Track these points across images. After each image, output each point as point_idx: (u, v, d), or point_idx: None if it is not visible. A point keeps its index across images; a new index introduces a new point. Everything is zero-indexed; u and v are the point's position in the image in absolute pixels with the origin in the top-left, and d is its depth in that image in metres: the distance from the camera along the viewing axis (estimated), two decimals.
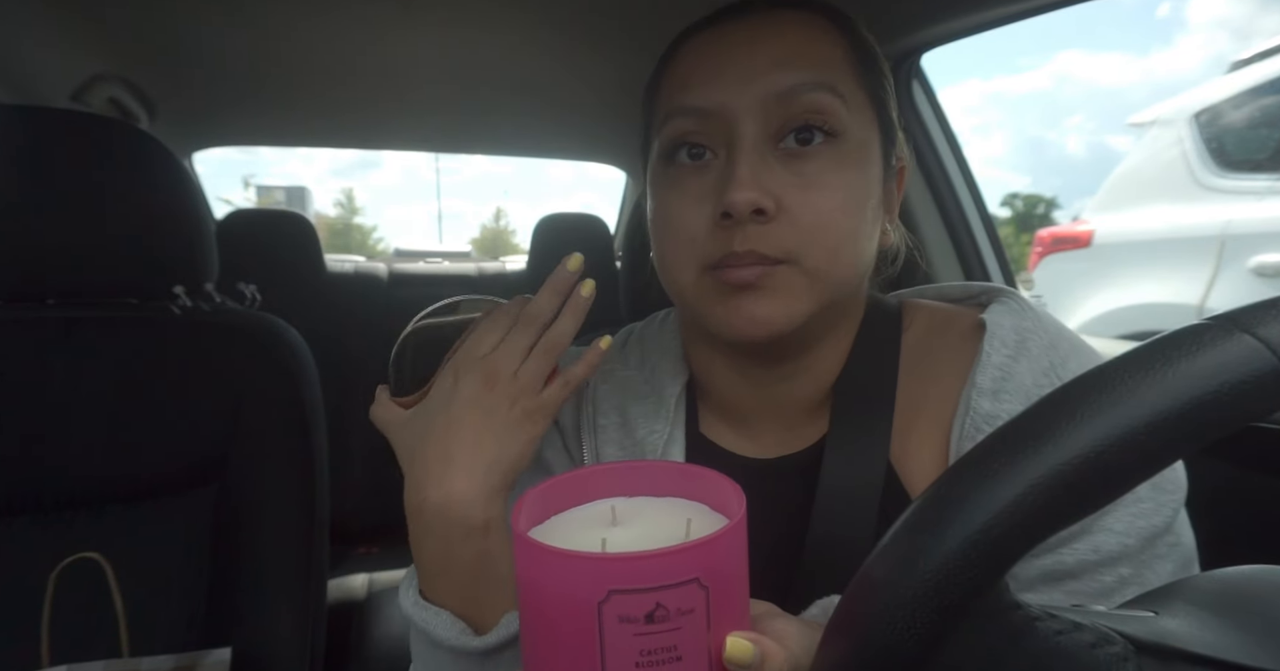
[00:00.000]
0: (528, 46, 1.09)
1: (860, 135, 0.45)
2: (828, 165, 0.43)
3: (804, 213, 0.42)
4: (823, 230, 0.43)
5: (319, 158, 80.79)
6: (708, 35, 0.47)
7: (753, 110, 0.43)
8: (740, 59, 0.44)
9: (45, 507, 0.73)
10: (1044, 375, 0.43)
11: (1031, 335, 0.45)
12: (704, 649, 0.28)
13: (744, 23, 0.46)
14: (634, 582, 0.27)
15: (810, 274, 0.43)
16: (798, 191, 0.42)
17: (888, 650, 0.21)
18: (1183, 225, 2.06)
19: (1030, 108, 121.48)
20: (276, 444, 0.80)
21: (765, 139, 0.43)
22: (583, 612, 0.27)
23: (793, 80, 0.43)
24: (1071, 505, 0.20)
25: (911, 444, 0.47)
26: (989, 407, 0.43)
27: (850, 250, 0.44)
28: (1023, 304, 0.47)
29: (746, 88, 0.43)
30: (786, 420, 0.51)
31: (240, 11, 0.96)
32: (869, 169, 0.45)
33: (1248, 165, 2.00)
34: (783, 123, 0.43)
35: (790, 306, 0.43)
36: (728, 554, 0.29)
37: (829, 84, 0.43)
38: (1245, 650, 0.23)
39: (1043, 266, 2.56)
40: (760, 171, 0.42)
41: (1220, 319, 0.21)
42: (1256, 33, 54.74)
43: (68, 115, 0.76)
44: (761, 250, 0.42)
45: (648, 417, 0.52)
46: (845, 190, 0.43)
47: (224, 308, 0.85)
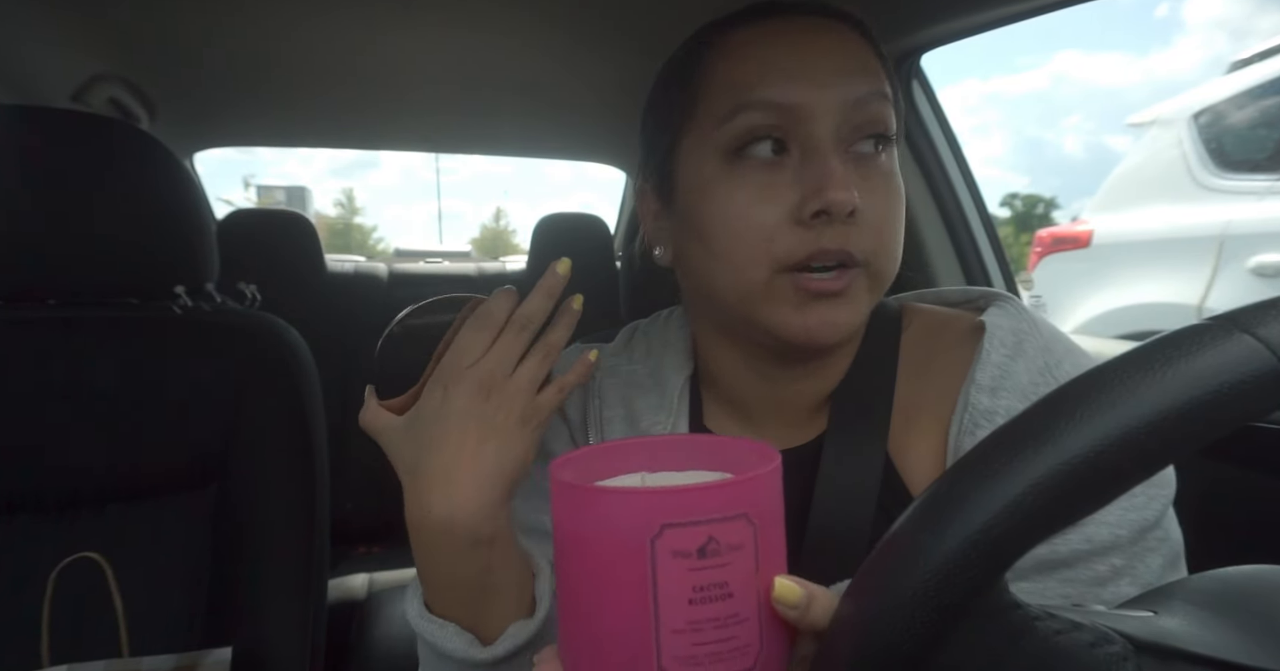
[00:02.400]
0: (528, 47, 1.09)
1: (897, 142, 0.48)
2: (885, 169, 0.46)
3: (874, 215, 0.44)
4: (888, 233, 0.45)
5: (317, 158, 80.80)
6: (766, 32, 0.46)
7: (830, 112, 0.44)
8: (814, 61, 0.45)
9: (45, 507, 0.73)
10: (1040, 374, 0.44)
11: (1028, 337, 0.46)
12: (753, 587, 0.28)
13: (795, 24, 0.47)
14: (687, 516, 0.27)
15: (874, 277, 0.45)
16: (867, 195, 0.43)
17: (888, 649, 0.21)
18: (1182, 225, 2.06)
19: (1029, 108, 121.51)
20: (276, 444, 0.80)
21: (838, 141, 0.44)
22: (635, 550, 0.27)
23: (862, 89, 0.45)
24: (1071, 505, 0.20)
25: (911, 441, 0.48)
26: (987, 404, 0.44)
27: (899, 251, 0.47)
28: (1019, 308, 0.49)
29: (824, 91, 0.44)
30: (789, 417, 0.52)
31: (241, 12, 0.96)
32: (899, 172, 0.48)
33: (1247, 165, 2.00)
34: (853, 128, 0.44)
35: (858, 312, 0.45)
36: (771, 493, 0.29)
37: (886, 94, 0.46)
38: (1245, 650, 0.23)
39: (1042, 266, 2.56)
40: (847, 170, 0.43)
41: (1220, 319, 0.21)
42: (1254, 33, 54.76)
43: (68, 115, 0.76)
44: (851, 248, 0.43)
45: (652, 410, 0.53)
46: (898, 194, 0.46)
47: (224, 307, 0.85)
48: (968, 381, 0.46)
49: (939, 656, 0.22)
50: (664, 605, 0.27)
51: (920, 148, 1.08)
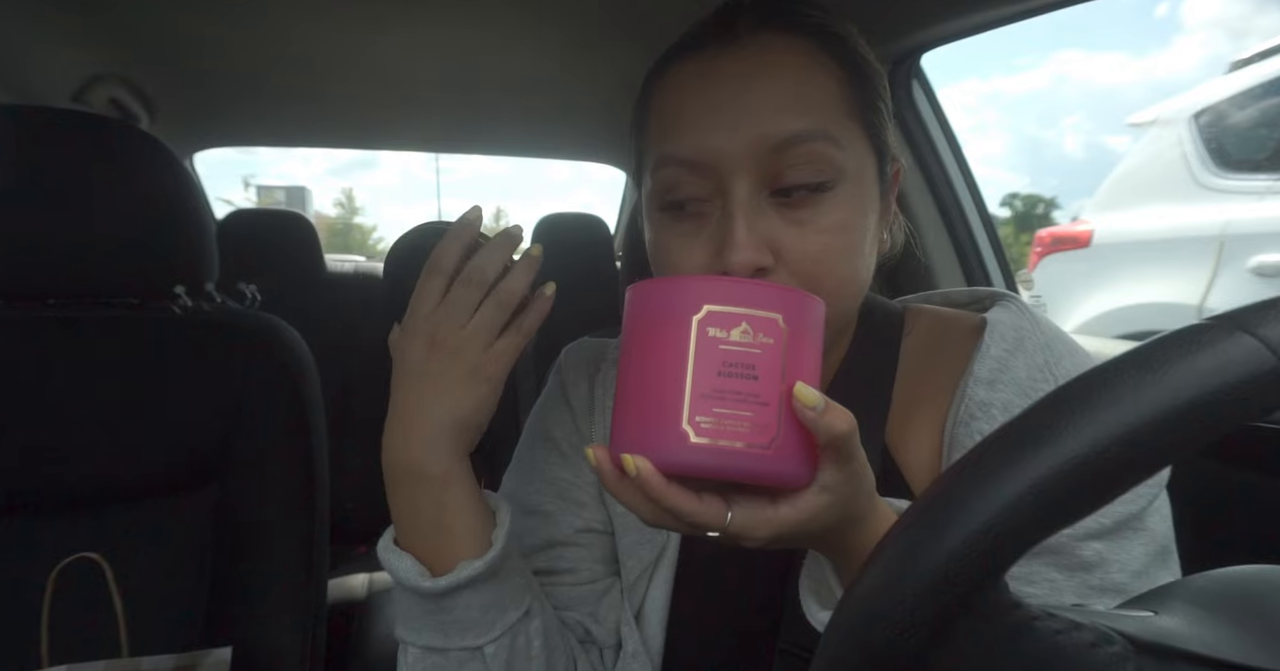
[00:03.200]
0: (528, 47, 1.09)
1: (856, 169, 0.43)
2: (824, 209, 0.42)
3: (803, 260, 0.42)
4: (823, 276, 0.42)
5: (316, 158, 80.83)
6: (693, 68, 0.44)
7: (746, 159, 0.42)
8: (730, 100, 0.42)
9: (45, 507, 0.73)
10: (1038, 370, 0.45)
11: (1029, 334, 0.47)
12: (778, 381, 0.32)
13: (731, 53, 0.44)
14: (728, 302, 0.32)
15: None
16: (796, 239, 0.42)
17: (888, 648, 0.21)
18: (1182, 225, 2.06)
19: (1028, 108, 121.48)
20: (276, 444, 0.80)
21: (760, 187, 0.42)
22: (680, 322, 0.32)
23: (788, 129, 0.41)
24: (1071, 504, 0.20)
25: (909, 434, 0.48)
26: (984, 395, 0.45)
27: (850, 287, 0.45)
28: (1022, 307, 0.49)
29: (738, 134, 0.42)
30: None
31: (241, 12, 0.96)
32: (866, 198, 0.44)
33: (1247, 165, 2.00)
34: (778, 172, 0.42)
35: None
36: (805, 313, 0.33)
37: (821, 131, 0.42)
38: (1245, 650, 0.23)
39: (1042, 266, 2.56)
40: (756, 224, 0.42)
41: (1220, 319, 0.21)
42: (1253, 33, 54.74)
43: (68, 115, 0.76)
44: None
45: None
46: (842, 231, 0.43)
47: (224, 307, 0.85)
48: (966, 373, 0.46)
49: (939, 656, 0.22)
50: (697, 371, 0.31)
51: (920, 147, 1.08)
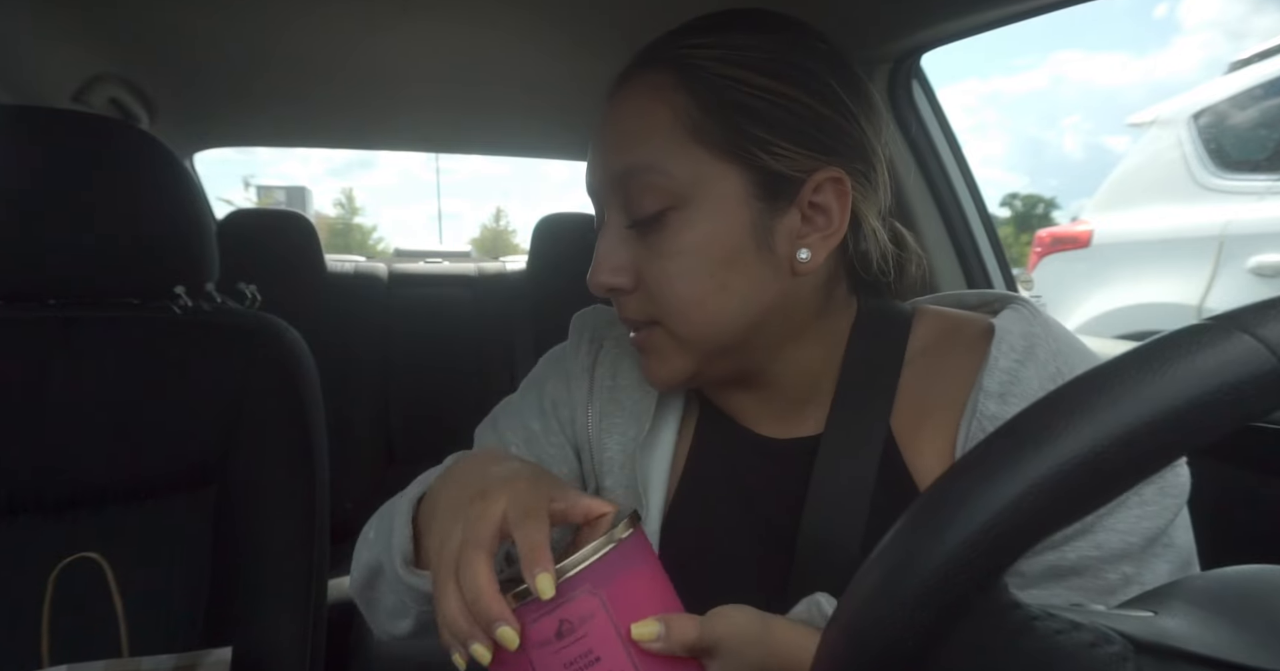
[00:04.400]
0: (527, 46, 1.09)
1: (708, 192, 0.45)
2: (675, 234, 0.45)
3: (656, 284, 0.46)
4: (673, 299, 0.46)
5: (315, 158, 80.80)
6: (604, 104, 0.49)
7: (606, 191, 0.47)
8: (596, 137, 0.48)
9: (45, 507, 0.73)
10: (1050, 380, 0.44)
11: (1040, 341, 0.45)
12: (616, 642, 0.34)
13: (615, 89, 0.49)
14: (536, 611, 0.33)
15: (676, 336, 0.47)
16: (651, 263, 0.46)
17: (888, 648, 0.22)
18: (1182, 225, 2.06)
19: (1027, 108, 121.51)
20: (276, 444, 0.80)
21: (624, 215, 0.47)
22: (518, 660, 0.34)
23: (622, 164, 0.46)
24: (1071, 505, 0.20)
25: (921, 438, 0.48)
26: (995, 410, 0.44)
27: (707, 307, 0.46)
28: (1033, 311, 0.48)
29: (598, 170, 0.48)
30: (784, 419, 0.52)
31: (241, 12, 0.96)
32: (726, 220, 0.45)
33: (1246, 165, 2.00)
34: (628, 201, 0.46)
35: (671, 364, 0.48)
36: (612, 561, 0.35)
37: (648, 164, 0.45)
38: (1245, 650, 0.23)
39: (1042, 266, 2.56)
40: (616, 251, 0.47)
41: (1220, 319, 0.21)
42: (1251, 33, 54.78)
43: (68, 115, 0.76)
44: (627, 315, 0.48)
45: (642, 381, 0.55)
46: (690, 254, 0.45)
47: (224, 308, 0.85)
48: (976, 386, 0.45)
49: (939, 656, 0.22)
50: None
51: (920, 148, 1.08)
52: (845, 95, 0.47)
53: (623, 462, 0.53)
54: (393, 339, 1.74)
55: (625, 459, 0.53)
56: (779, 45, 0.46)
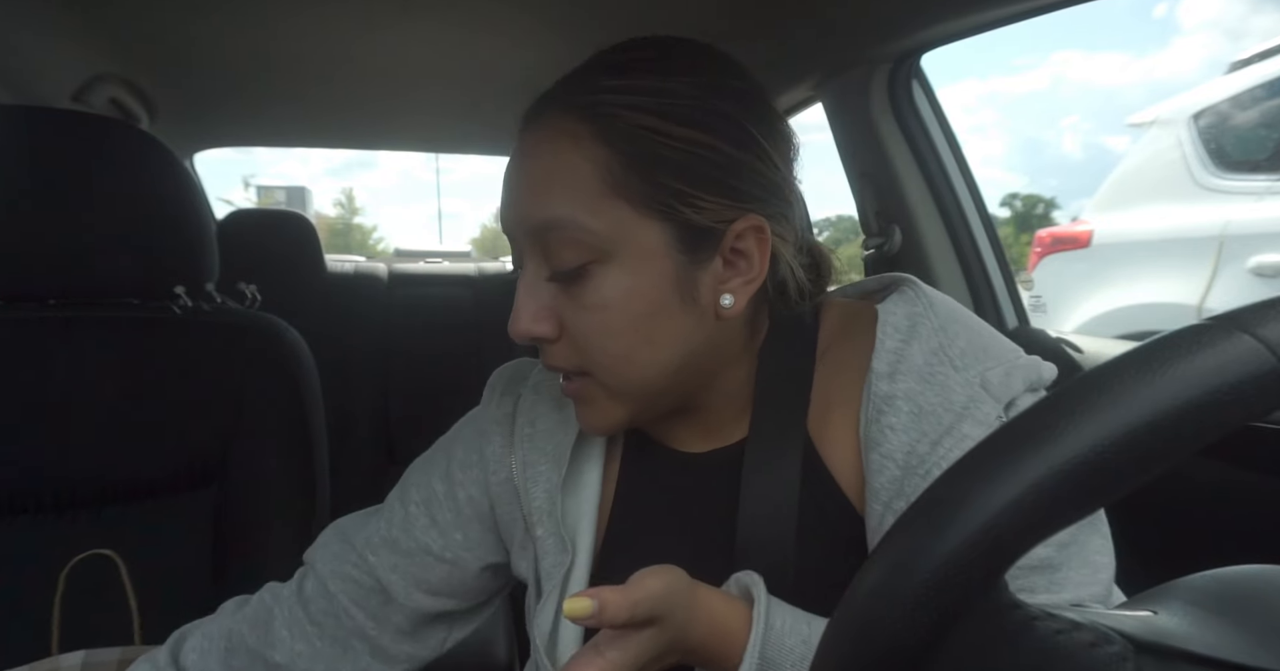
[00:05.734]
0: (527, 46, 1.09)
1: (629, 247, 0.44)
2: (598, 285, 0.44)
3: (581, 334, 0.45)
4: (599, 350, 0.45)
5: (315, 158, 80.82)
6: (515, 145, 0.48)
7: (524, 240, 0.46)
8: (510, 182, 0.47)
9: (45, 507, 0.73)
10: (933, 354, 0.46)
11: (922, 319, 0.47)
12: None
13: (527, 131, 0.47)
14: None
15: (605, 386, 0.47)
16: (574, 314, 0.45)
17: (887, 649, 0.22)
18: (1182, 225, 2.06)
19: (1027, 108, 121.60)
20: (276, 443, 0.80)
21: (542, 264, 0.45)
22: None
23: (540, 218, 0.44)
24: (1071, 505, 0.20)
25: (830, 432, 0.49)
26: (886, 389, 0.45)
27: (635, 361, 0.45)
28: (918, 291, 0.49)
29: (515, 218, 0.46)
30: (709, 434, 0.53)
31: (241, 12, 0.96)
32: (649, 274, 0.44)
33: (1246, 165, 2.01)
34: (546, 252, 0.45)
35: (605, 413, 0.48)
36: None
37: (571, 220, 0.43)
38: (1245, 650, 0.23)
39: (1042, 267, 2.56)
40: (536, 298, 0.45)
41: (1220, 319, 0.21)
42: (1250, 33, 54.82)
43: (68, 115, 0.76)
44: (555, 364, 0.47)
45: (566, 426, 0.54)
46: (613, 309, 0.44)
47: (224, 308, 0.85)
48: (869, 371, 0.47)
49: (938, 656, 0.22)
50: None
51: (920, 147, 1.08)
52: (761, 136, 0.46)
53: (549, 510, 0.52)
54: (393, 339, 1.74)
55: (550, 506, 0.52)
56: (696, 89, 0.45)
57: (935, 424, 0.44)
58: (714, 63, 0.48)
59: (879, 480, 0.44)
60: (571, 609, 0.35)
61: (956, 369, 0.45)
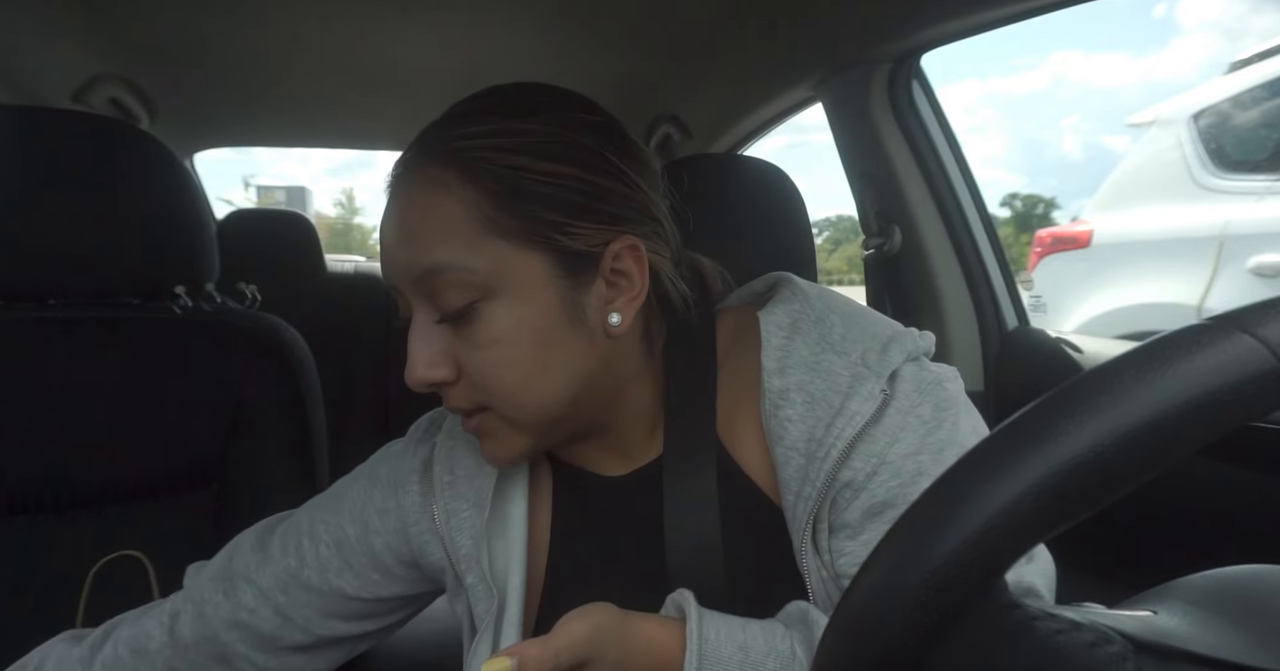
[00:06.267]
0: (529, 47, 1.09)
1: (512, 280, 0.45)
2: (487, 324, 0.45)
3: (475, 372, 0.46)
4: (498, 386, 0.46)
5: (315, 158, 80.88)
6: (388, 195, 0.48)
7: (409, 289, 0.46)
8: (386, 236, 0.47)
9: (45, 508, 0.73)
10: (816, 344, 0.48)
11: (800, 316, 0.50)
12: None
13: (397, 182, 0.48)
14: None
15: (507, 419, 0.47)
16: (470, 354, 0.46)
17: (887, 650, 0.22)
18: (1182, 225, 2.06)
19: (1027, 108, 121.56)
20: (277, 444, 0.80)
21: (431, 309, 0.46)
22: None
23: (421, 265, 0.45)
24: (1071, 505, 0.20)
25: (737, 432, 0.51)
26: (779, 384, 0.48)
27: (534, 389, 0.46)
28: (795, 289, 0.52)
29: (397, 268, 0.46)
30: (625, 456, 0.54)
31: (241, 12, 0.96)
32: (535, 304, 0.46)
33: (1246, 166, 2.01)
34: (432, 297, 0.45)
35: (507, 444, 0.48)
36: None
37: (452, 264, 0.44)
38: (1245, 650, 0.23)
39: (1042, 267, 2.56)
40: (430, 345, 0.46)
41: (1220, 319, 0.21)
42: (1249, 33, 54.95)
43: (68, 115, 0.76)
44: (455, 405, 0.48)
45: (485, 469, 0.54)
46: (506, 342, 0.45)
47: (224, 308, 0.85)
48: (761, 369, 0.49)
49: (938, 657, 0.22)
50: None
51: (920, 148, 1.08)
52: (623, 164, 0.48)
53: (476, 555, 0.52)
54: (393, 339, 1.74)
55: (477, 551, 0.52)
56: (553, 127, 0.47)
57: (827, 408, 0.46)
58: (565, 101, 0.50)
59: (786, 471, 0.46)
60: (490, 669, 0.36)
61: (838, 354, 0.47)
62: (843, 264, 28.22)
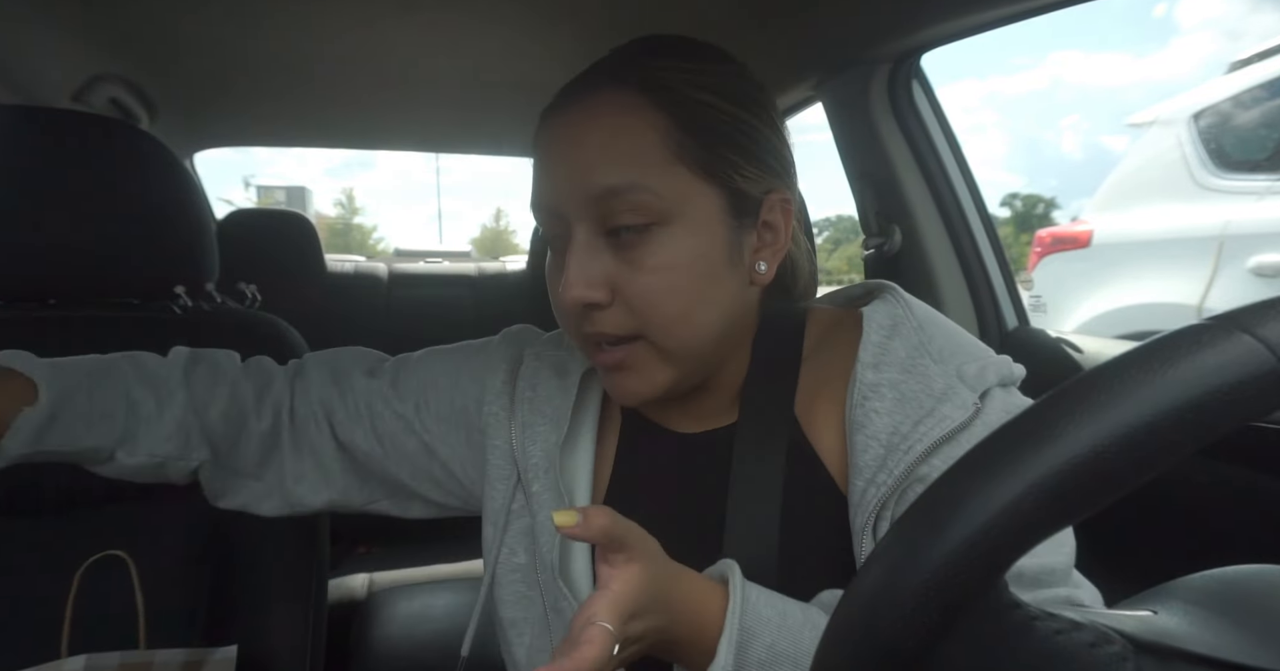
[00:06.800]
0: (528, 47, 1.09)
1: (687, 210, 0.47)
2: (656, 248, 0.46)
3: (637, 297, 0.47)
4: (657, 311, 0.47)
5: (315, 158, 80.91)
6: (551, 122, 0.49)
7: (579, 208, 0.47)
8: (565, 156, 0.47)
9: (45, 508, 0.73)
10: (914, 349, 0.49)
11: (902, 320, 0.51)
12: None
13: (573, 106, 0.48)
14: None
15: (659, 349, 0.48)
16: (630, 277, 0.46)
17: (888, 649, 0.22)
18: (1182, 225, 2.06)
19: (1026, 108, 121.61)
20: None
21: (596, 231, 0.47)
22: None
23: (605, 182, 0.45)
24: (1070, 505, 0.20)
25: (817, 414, 0.52)
26: (872, 377, 0.49)
27: (693, 320, 0.48)
28: (898, 296, 0.53)
29: (571, 187, 0.47)
30: (702, 410, 0.56)
31: (242, 12, 0.96)
32: (707, 236, 0.47)
33: (1246, 165, 2.01)
34: (606, 217, 0.46)
35: (652, 379, 0.49)
36: None
37: (633, 183, 0.45)
38: (1245, 650, 0.23)
39: (1042, 267, 2.56)
40: (590, 265, 0.46)
41: (1220, 319, 0.21)
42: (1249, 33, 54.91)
43: (68, 115, 0.76)
44: (606, 330, 0.48)
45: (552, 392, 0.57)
46: (676, 269, 0.46)
47: (225, 308, 0.85)
48: (856, 361, 0.50)
49: (939, 656, 0.22)
50: None
51: (920, 148, 1.08)
52: (780, 123, 0.51)
53: (546, 467, 0.54)
54: (393, 339, 1.73)
55: (549, 463, 0.54)
56: (732, 72, 0.50)
57: (917, 407, 0.46)
58: (729, 56, 0.52)
59: (863, 458, 0.47)
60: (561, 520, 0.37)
61: (936, 362, 0.48)
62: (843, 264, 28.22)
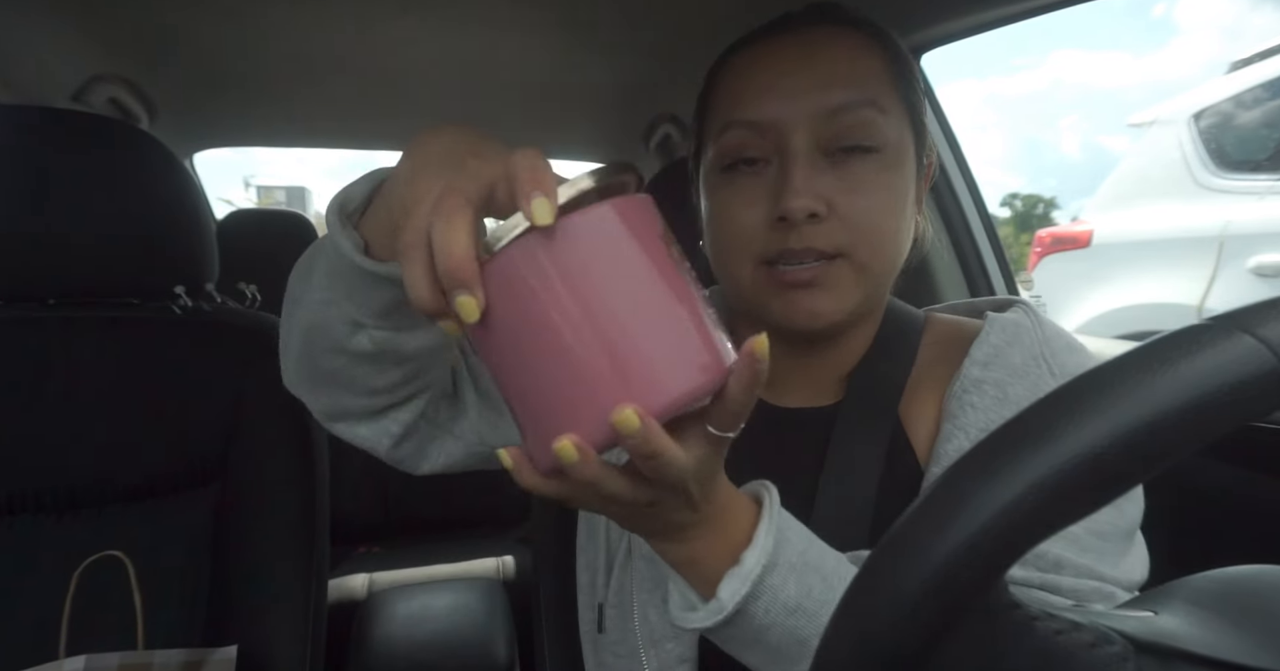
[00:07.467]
0: (529, 47, 1.09)
1: (898, 142, 0.50)
2: (871, 170, 0.48)
3: (852, 213, 0.48)
4: (870, 229, 0.48)
5: (315, 158, 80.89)
6: (758, 50, 0.52)
7: (803, 124, 0.48)
8: (790, 75, 0.49)
9: (45, 507, 0.73)
10: (1033, 358, 0.49)
11: (1028, 330, 0.51)
12: None
13: (790, 38, 0.51)
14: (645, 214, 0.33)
15: (859, 268, 0.49)
16: (846, 195, 0.48)
17: (888, 649, 0.22)
18: (1182, 225, 2.06)
19: (1026, 108, 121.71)
20: (276, 443, 0.80)
21: (815, 147, 0.48)
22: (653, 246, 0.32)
23: (840, 98, 0.48)
24: (1071, 505, 0.20)
25: (915, 409, 0.53)
26: (978, 373, 0.49)
27: (892, 245, 0.50)
28: (1029, 310, 0.53)
29: (797, 103, 0.48)
30: (811, 386, 0.56)
31: (242, 12, 0.96)
32: (906, 171, 0.51)
33: (1247, 165, 2.00)
34: (832, 135, 0.48)
35: (842, 299, 0.49)
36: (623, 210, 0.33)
37: (871, 100, 0.48)
38: (1245, 650, 0.23)
39: (1042, 266, 2.56)
40: (812, 177, 0.47)
41: (1220, 319, 0.21)
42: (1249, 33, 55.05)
43: (68, 115, 0.76)
44: (818, 246, 0.48)
45: None
46: (887, 192, 0.49)
47: (225, 308, 0.85)
48: (966, 355, 0.51)
49: (939, 656, 0.22)
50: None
51: None
52: None
53: None
54: None
55: None
56: None
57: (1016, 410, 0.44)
58: None
59: (946, 447, 0.47)
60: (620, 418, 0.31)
61: (1054, 376, 0.48)
62: None
